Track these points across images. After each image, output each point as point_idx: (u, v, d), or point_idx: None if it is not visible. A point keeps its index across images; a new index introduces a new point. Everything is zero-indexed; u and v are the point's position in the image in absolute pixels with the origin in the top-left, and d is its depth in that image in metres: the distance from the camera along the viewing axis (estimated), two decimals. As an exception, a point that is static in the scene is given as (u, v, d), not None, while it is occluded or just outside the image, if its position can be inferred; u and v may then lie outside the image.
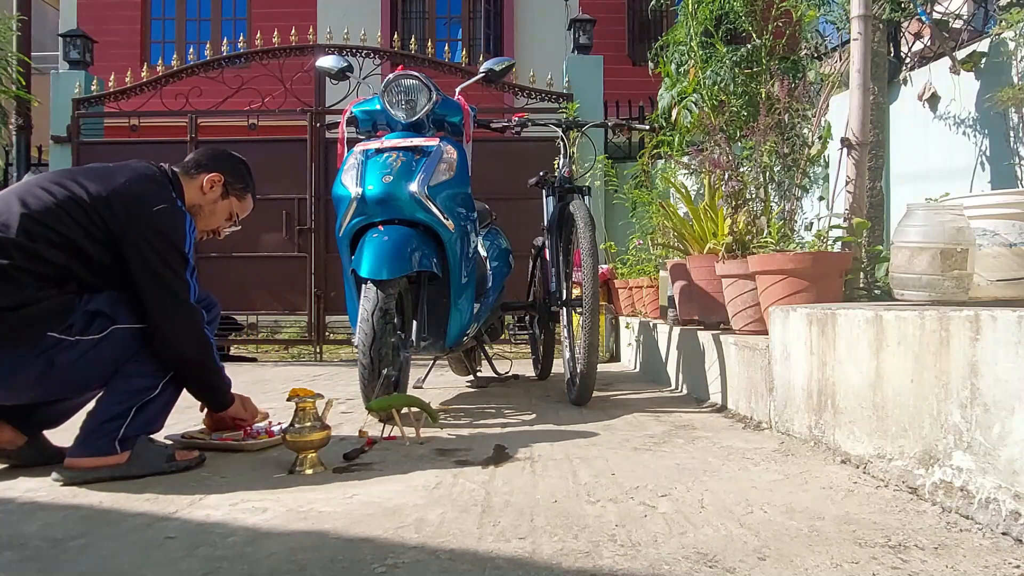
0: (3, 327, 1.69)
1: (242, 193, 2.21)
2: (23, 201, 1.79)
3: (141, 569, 1.22)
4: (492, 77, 3.11)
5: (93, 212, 1.82)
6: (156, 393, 1.87)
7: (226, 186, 2.15)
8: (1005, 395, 1.31)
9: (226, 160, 2.19)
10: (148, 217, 1.87)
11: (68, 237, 1.79)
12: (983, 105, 3.18)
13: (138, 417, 1.83)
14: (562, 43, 7.78)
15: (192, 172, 2.12)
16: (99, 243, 1.83)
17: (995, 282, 2.37)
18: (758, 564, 1.20)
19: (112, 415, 1.81)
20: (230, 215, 2.21)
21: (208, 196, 2.13)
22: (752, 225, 2.89)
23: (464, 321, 2.84)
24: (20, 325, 1.70)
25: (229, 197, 2.17)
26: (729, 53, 4.21)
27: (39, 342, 1.73)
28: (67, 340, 1.76)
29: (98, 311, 1.82)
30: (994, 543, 1.27)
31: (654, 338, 3.97)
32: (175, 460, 1.89)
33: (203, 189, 2.11)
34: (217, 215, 2.17)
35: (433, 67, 6.01)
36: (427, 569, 1.20)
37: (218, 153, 2.21)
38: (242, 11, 10.49)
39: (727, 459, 1.97)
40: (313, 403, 1.92)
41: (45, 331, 1.73)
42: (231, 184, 2.16)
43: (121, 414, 1.81)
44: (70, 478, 1.75)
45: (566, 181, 3.21)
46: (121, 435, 1.80)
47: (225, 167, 2.16)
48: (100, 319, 1.81)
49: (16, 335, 1.70)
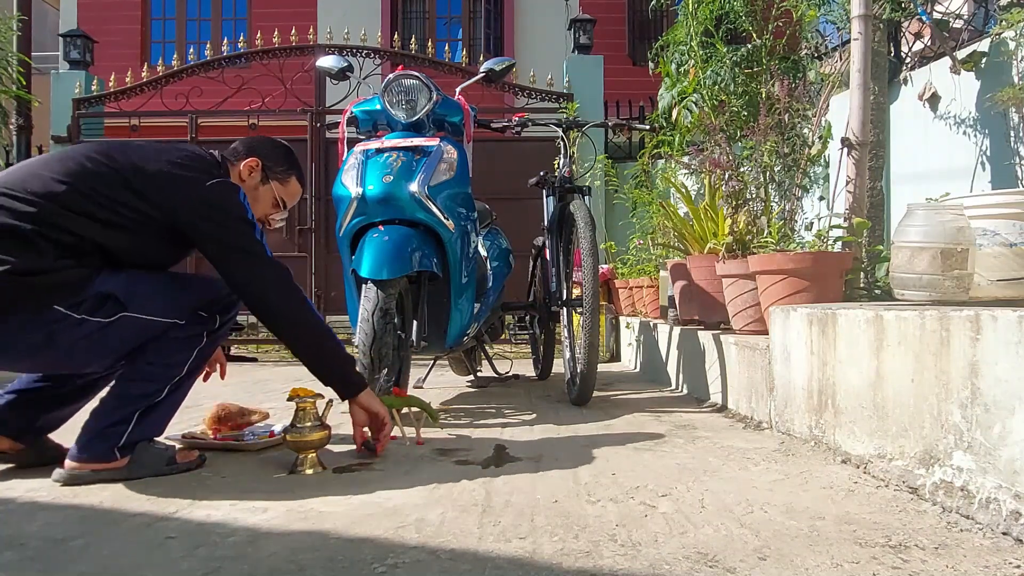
0: (11, 292, 1.62)
1: (284, 176, 2.11)
2: (60, 168, 1.75)
3: (142, 569, 1.22)
4: (492, 77, 3.11)
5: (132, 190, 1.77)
6: (162, 397, 1.82)
7: (265, 170, 2.08)
8: (1005, 395, 1.31)
9: (264, 145, 2.12)
10: (201, 192, 1.83)
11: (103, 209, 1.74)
12: (983, 105, 3.18)
13: (142, 422, 1.79)
14: (562, 43, 7.77)
15: (232, 160, 2.06)
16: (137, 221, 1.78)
17: (995, 282, 2.37)
18: (758, 564, 1.20)
19: (115, 420, 1.77)
20: (275, 202, 2.12)
21: (248, 183, 2.05)
22: (752, 225, 2.89)
23: (464, 321, 2.84)
24: (28, 293, 1.64)
25: (270, 182, 2.09)
26: (729, 53, 4.21)
27: (43, 313, 1.66)
28: (72, 317, 1.69)
29: (111, 294, 1.74)
30: (994, 543, 1.27)
31: (654, 338, 3.97)
32: (175, 463, 1.87)
33: (242, 176, 2.04)
34: (260, 202, 2.09)
35: (433, 67, 6.01)
36: (428, 569, 1.20)
37: (256, 139, 2.14)
38: (242, 11, 10.49)
39: (727, 459, 1.97)
40: (313, 403, 1.92)
41: (52, 303, 1.67)
42: (270, 168, 2.09)
43: (124, 419, 1.77)
44: (69, 479, 1.74)
45: (566, 181, 3.21)
46: (123, 442, 1.77)
47: (262, 151, 2.09)
48: (112, 303, 1.73)
49: (22, 302, 1.63)
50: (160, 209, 1.80)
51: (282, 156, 2.13)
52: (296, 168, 2.16)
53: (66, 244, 1.70)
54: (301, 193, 2.20)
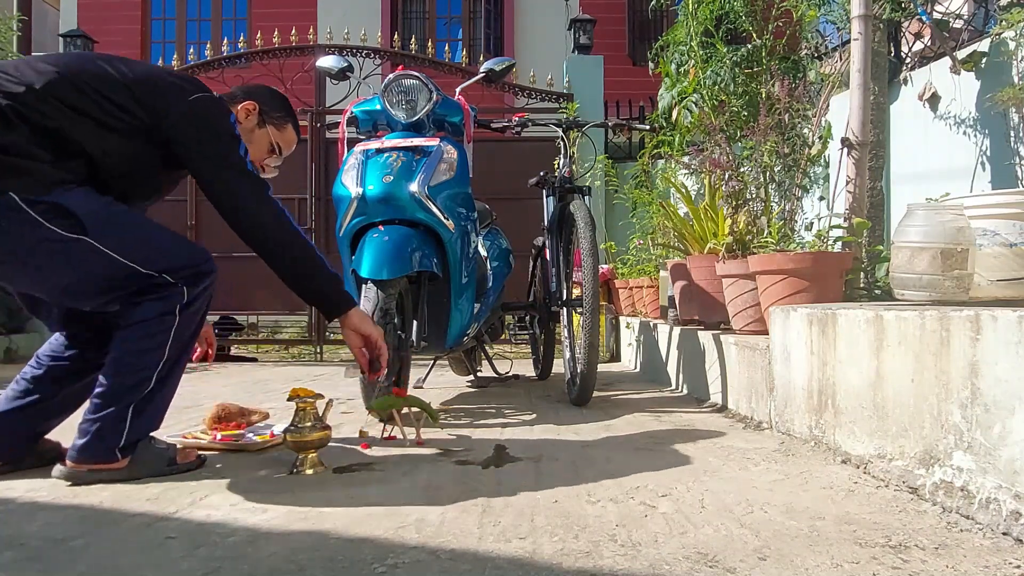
0: None
1: (280, 122, 2.11)
2: (57, 61, 1.73)
3: (142, 569, 1.22)
4: (492, 77, 3.11)
5: (129, 92, 1.75)
6: (151, 387, 1.75)
7: (262, 114, 2.07)
8: (1005, 395, 1.31)
9: (261, 90, 2.13)
10: (194, 102, 1.81)
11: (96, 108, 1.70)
12: (983, 105, 3.18)
13: (137, 420, 1.75)
14: (562, 43, 7.78)
15: (230, 103, 2.04)
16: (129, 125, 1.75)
17: (995, 282, 2.37)
18: (758, 564, 1.20)
19: (110, 418, 1.72)
20: (271, 147, 2.11)
21: (244, 125, 2.03)
22: (752, 225, 2.89)
23: (464, 321, 2.84)
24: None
25: (266, 126, 2.08)
26: (729, 53, 4.21)
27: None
28: (27, 213, 1.57)
29: (74, 213, 1.64)
30: (994, 543, 1.27)
31: (654, 338, 3.97)
32: (176, 463, 1.86)
33: (239, 119, 2.01)
34: (256, 145, 2.07)
35: (433, 67, 6.01)
36: (428, 569, 1.20)
37: (253, 86, 2.15)
38: (242, 11, 10.49)
39: (727, 459, 1.97)
40: (313, 403, 1.91)
41: (6, 187, 1.57)
42: (267, 112, 2.08)
43: (118, 418, 1.72)
44: (69, 476, 1.73)
45: (566, 181, 3.21)
46: (123, 442, 1.74)
47: (260, 96, 2.09)
48: (75, 223, 1.63)
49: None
50: (154, 114, 1.77)
51: (279, 103, 2.14)
52: (292, 116, 2.17)
53: (46, 132, 1.64)
54: (296, 142, 2.19)
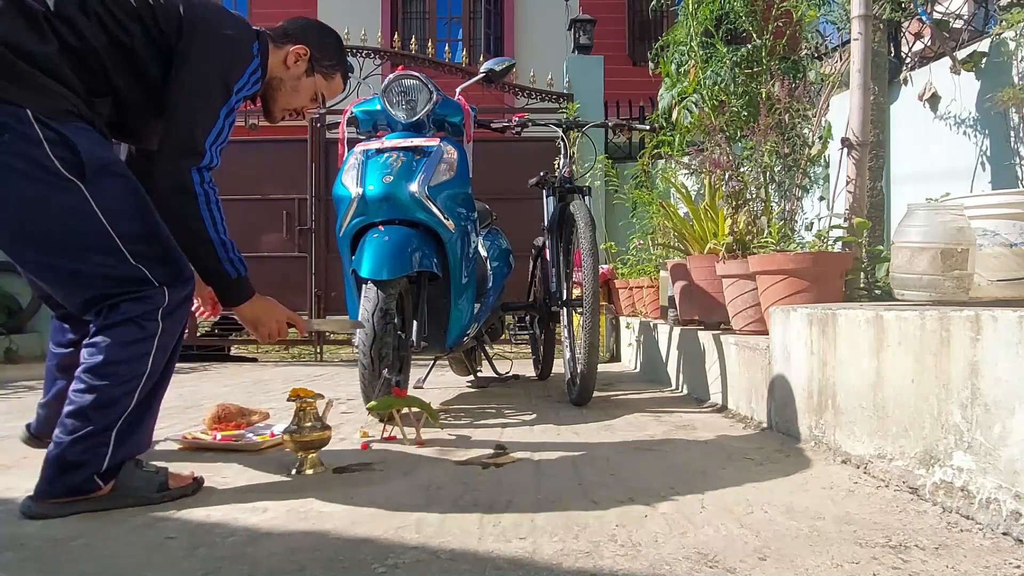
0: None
1: (330, 71, 1.97)
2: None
3: (142, 569, 1.22)
4: (492, 77, 3.11)
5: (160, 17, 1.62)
6: (133, 406, 1.54)
7: (312, 61, 1.92)
8: (1006, 395, 1.31)
9: (316, 32, 1.96)
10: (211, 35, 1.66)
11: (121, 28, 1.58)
12: (983, 105, 3.18)
13: (121, 445, 1.53)
14: (562, 43, 7.77)
15: (279, 42, 1.89)
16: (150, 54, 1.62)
17: (996, 282, 2.37)
18: (758, 564, 1.20)
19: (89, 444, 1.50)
20: (315, 95, 1.97)
21: (292, 71, 1.90)
22: (752, 225, 2.89)
23: (464, 321, 2.84)
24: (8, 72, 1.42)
25: (315, 74, 1.94)
26: (729, 53, 4.21)
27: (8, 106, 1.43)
28: (34, 131, 1.44)
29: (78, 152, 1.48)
30: (995, 543, 1.27)
31: (654, 338, 3.97)
32: (168, 488, 1.62)
33: (287, 63, 1.88)
34: (301, 93, 1.94)
35: (433, 67, 6.01)
36: (428, 569, 1.20)
37: (309, 24, 1.97)
38: (242, 11, 10.49)
39: (728, 459, 1.97)
40: (313, 403, 1.91)
41: (24, 100, 1.44)
42: (318, 60, 1.93)
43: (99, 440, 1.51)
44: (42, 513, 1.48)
45: (566, 181, 3.21)
46: (104, 468, 1.52)
47: (313, 40, 1.93)
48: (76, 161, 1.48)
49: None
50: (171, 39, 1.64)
51: (332, 48, 1.98)
52: (344, 64, 2.02)
53: (81, 56, 1.53)
54: (342, 88, 2.06)
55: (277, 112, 1.97)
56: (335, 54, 1.99)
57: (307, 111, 2.03)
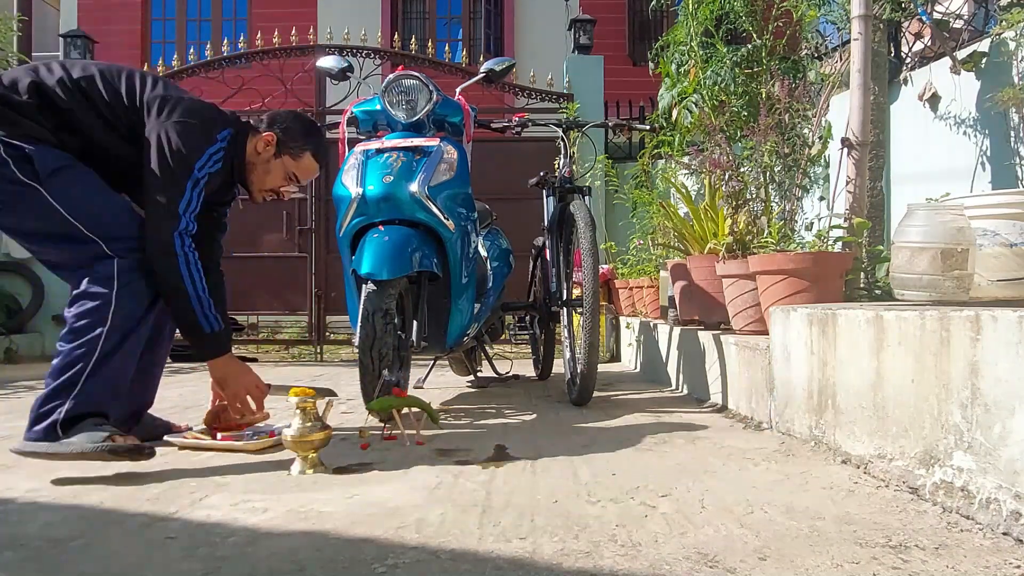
0: None
1: (297, 152, 2.18)
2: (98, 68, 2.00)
3: (142, 569, 1.22)
4: (492, 77, 3.11)
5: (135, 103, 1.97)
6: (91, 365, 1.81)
7: (279, 145, 2.15)
8: (1006, 395, 1.31)
9: (285, 118, 2.20)
10: (171, 121, 1.96)
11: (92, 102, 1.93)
12: (983, 105, 3.18)
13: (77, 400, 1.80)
14: (562, 43, 7.77)
15: (255, 131, 2.17)
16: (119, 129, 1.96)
17: (996, 282, 2.37)
18: (759, 564, 1.20)
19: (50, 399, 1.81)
20: (287, 175, 2.19)
21: (263, 155, 2.15)
22: (752, 225, 2.89)
23: (464, 321, 2.84)
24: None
25: (282, 156, 2.16)
26: (729, 53, 4.21)
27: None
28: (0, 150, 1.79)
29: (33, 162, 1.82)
30: (995, 543, 1.27)
31: (654, 338, 3.97)
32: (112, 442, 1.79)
33: (257, 149, 2.15)
34: (272, 174, 2.17)
35: (433, 67, 6.01)
36: (428, 569, 1.20)
37: (281, 113, 2.22)
38: (242, 11, 10.48)
39: (728, 459, 1.97)
40: (313, 403, 1.91)
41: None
42: (283, 143, 2.16)
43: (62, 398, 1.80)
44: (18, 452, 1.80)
45: (566, 181, 3.21)
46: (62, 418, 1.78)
47: (281, 125, 2.17)
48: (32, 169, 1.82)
49: None
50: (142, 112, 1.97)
51: (298, 131, 2.19)
52: (313, 144, 2.21)
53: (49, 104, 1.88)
54: (318, 169, 2.25)
55: (256, 193, 2.23)
56: (302, 136, 2.20)
57: (286, 192, 2.25)
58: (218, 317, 2.00)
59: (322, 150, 2.24)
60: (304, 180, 2.24)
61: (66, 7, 10.33)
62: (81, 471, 1.84)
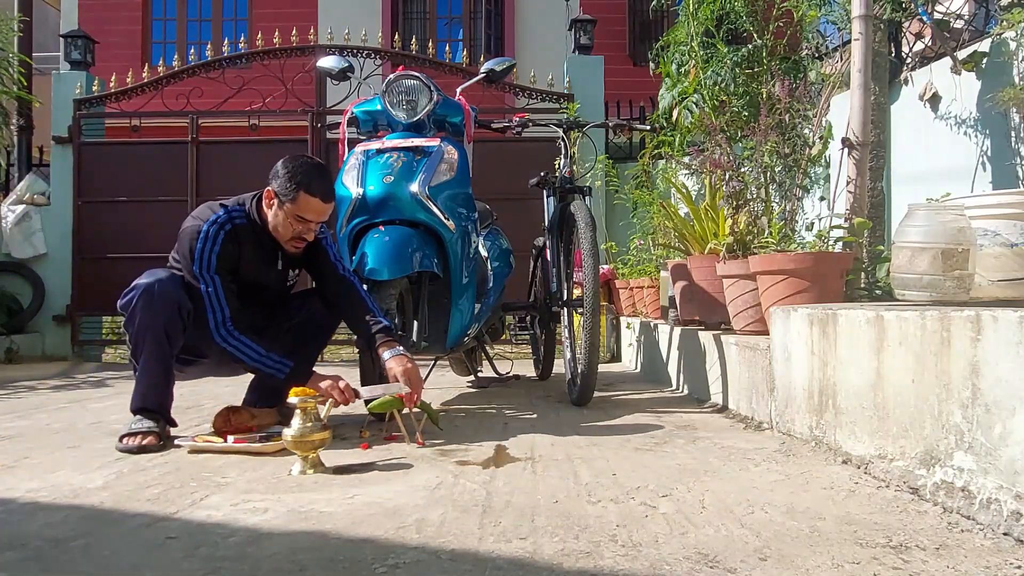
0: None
1: (291, 196, 2.22)
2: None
3: (142, 569, 1.22)
4: (493, 77, 3.11)
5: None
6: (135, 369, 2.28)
7: (276, 197, 2.24)
8: (1006, 395, 1.31)
9: (277, 170, 2.27)
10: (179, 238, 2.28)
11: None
12: (984, 105, 3.17)
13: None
14: (563, 43, 7.77)
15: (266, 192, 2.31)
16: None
17: (996, 282, 2.37)
18: (759, 564, 1.20)
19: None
20: (296, 220, 2.25)
21: (272, 211, 2.27)
22: (753, 225, 2.89)
23: (465, 321, 2.84)
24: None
25: (284, 205, 2.24)
26: (730, 53, 4.21)
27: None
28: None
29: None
30: (995, 543, 1.27)
31: (655, 338, 3.97)
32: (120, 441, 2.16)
33: (266, 207, 2.28)
34: (282, 223, 2.26)
35: (434, 67, 6.01)
36: (428, 569, 1.20)
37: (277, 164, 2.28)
38: (243, 11, 10.49)
39: (728, 459, 1.97)
40: (314, 403, 1.91)
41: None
42: (278, 194, 2.24)
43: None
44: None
45: (567, 181, 3.21)
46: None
47: (274, 178, 2.26)
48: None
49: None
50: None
51: (284, 176, 2.24)
52: (298, 183, 2.22)
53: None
54: (320, 202, 2.26)
55: (285, 245, 2.34)
56: (287, 180, 2.24)
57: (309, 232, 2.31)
58: (282, 359, 2.23)
59: (314, 184, 2.23)
60: (314, 217, 2.26)
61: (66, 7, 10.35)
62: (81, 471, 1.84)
